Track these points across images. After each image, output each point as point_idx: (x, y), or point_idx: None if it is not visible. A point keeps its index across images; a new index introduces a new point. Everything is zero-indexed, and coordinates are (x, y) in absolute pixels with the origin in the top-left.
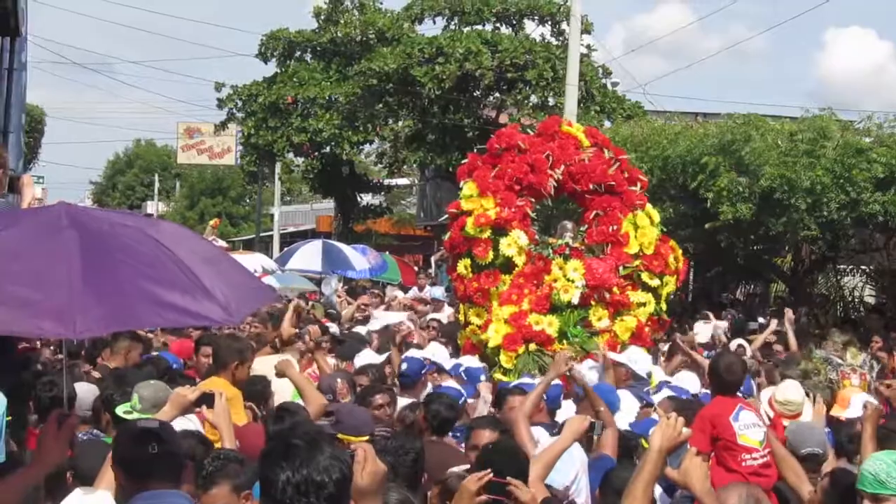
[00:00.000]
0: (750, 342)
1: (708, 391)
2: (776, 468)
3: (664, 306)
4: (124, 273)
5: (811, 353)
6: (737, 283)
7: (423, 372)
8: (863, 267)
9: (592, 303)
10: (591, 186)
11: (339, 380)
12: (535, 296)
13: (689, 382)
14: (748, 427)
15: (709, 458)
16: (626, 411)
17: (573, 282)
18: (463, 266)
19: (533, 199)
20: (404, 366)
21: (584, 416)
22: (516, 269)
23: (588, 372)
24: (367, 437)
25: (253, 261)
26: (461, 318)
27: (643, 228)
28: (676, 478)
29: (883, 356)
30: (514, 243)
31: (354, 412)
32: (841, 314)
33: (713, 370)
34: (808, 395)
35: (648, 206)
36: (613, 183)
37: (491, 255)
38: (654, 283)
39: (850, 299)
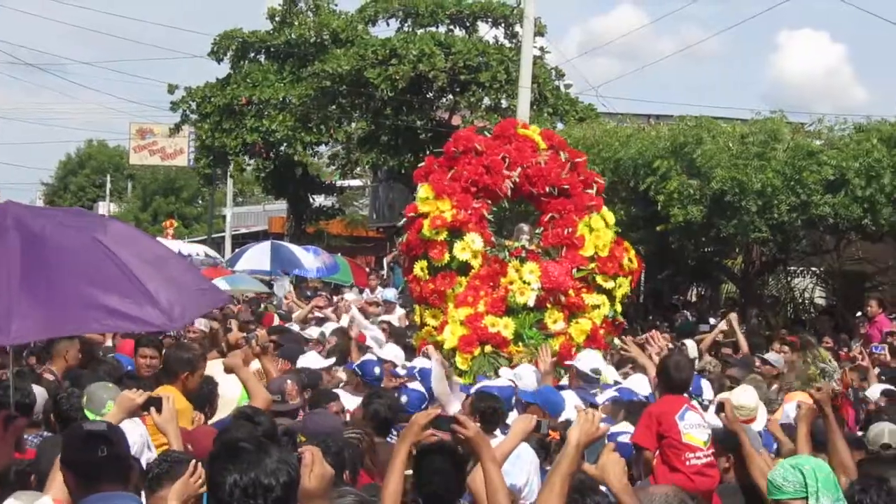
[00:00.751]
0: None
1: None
2: (738, 469)
3: (619, 308)
4: (63, 277)
5: (814, 360)
6: (688, 284)
7: (380, 375)
8: (813, 269)
9: (548, 305)
10: (546, 189)
11: (288, 381)
12: (491, 298)
13: (640, 385)
14: (693, 427)
15: (654, 455)
16: (572, 413)
17: (529, 284)
18: (419, 268)
19: (489, 201)
20: (360, 367)
21: (531, 416)
22: (472, 270)
23: (527, 375)
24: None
25: (191, 249)
26: (417, 319)
27: (598, 231)
28: (593, 473)
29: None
30: (468, 247)
31: (323, 418)
32: (791, 316)
33: (662, 369)
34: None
35: (604, 209)
36: (568, 186)
37: (447, 257)
38: (609, 285)
39: (800, 301)
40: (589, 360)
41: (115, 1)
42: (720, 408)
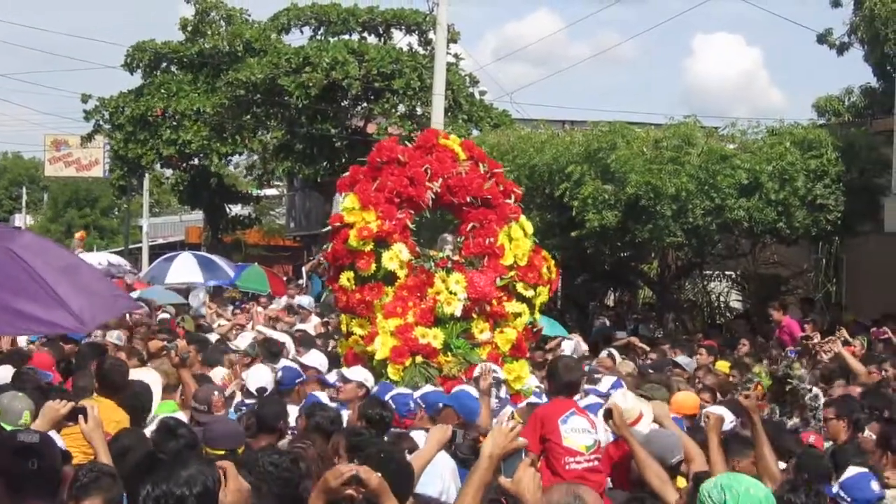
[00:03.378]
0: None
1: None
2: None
3: (538, 316)
4: None
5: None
6: (605, 290)
7: (297, 381)
8: (728, 272)
9: (474, 315)
10: (467, 199)
11: (215, 392)
12: (419, 308)
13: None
14: (576, 431)
15: (538, 459)
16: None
17: (455, 294)
18: (346, 278)
19: (412, 212)
20: (279, 374)
21: (447, 427)
22: (398, 280)
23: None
24: (224, 451)
25: (97, 258)
26: (343, 328)
27: (517, 240)
28: (508, 486)
29: (749, 361)
30: (396, 257)
31: (222, 424)
32: (708, 320)
33: (551, 371)
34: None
35: (522, 218)
36: (489, 196)
37: (374, 267)
38: (529, 293)
39: (716, 304)
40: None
41: (26, 12)
42: (608, 415)
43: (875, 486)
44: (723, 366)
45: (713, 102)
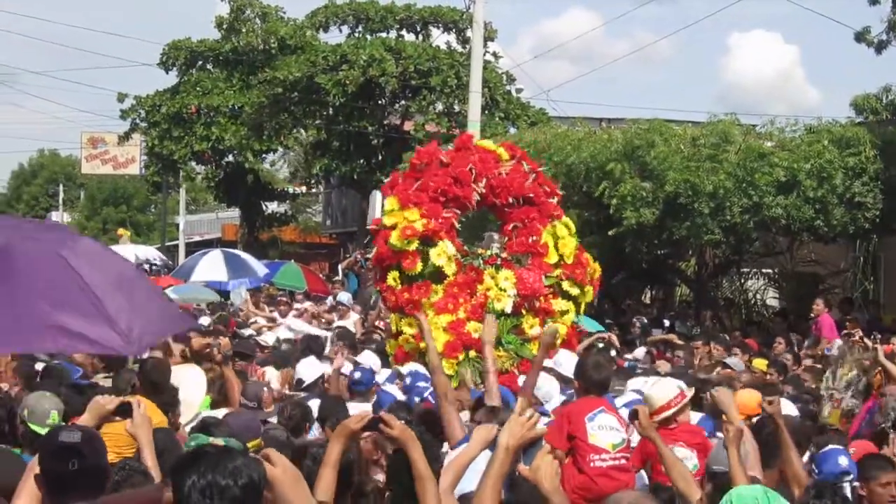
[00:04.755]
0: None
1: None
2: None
3: (581, 316)
4: (21, 292)
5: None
6: (642, 288)
7: (374, 381)
8: (766, 270)
9: (523, 311)
10: (509, 199)
11: (265, 389)
12: (470, 304)
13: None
14: (603, 428)
15: (566, 455)
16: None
17: (505, 291)
18: (392, 278)
19: (458, 211)
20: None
21: (493, 426)
22: (446, 279)
23: (566, 361)
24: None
25: (127, 251)
26: (393, 327)
27: (563, 239)
28: (528, 475)
29: (788, 359)
30: (444, 253)
31: (237, 417)
32: (744, 318)
33: (581, 369)
34: None
35: (565, 217)
36: (532, 195)
37: (420, 266)
38: (575, 291)
39: (753, 303)
40: (569, 364)
41: (64, 11)
42: (633, 415)
43: (843, 460)
44: (760, 364)
45: (750, 100)
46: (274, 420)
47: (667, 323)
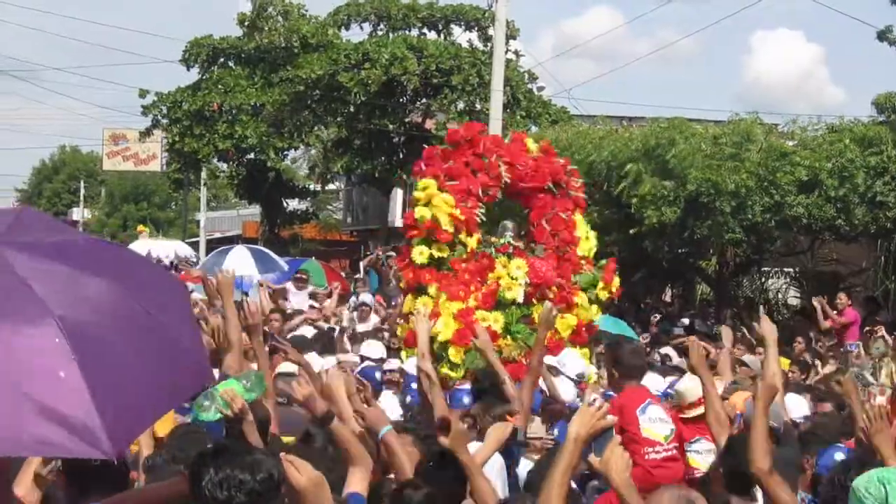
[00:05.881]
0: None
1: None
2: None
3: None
4: None
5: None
6: (662, 286)
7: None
8: (787, 269)
9: (534, 301)
10: (543, 185)
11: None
12: (481, 293)
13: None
14: (654, 421)
15: None
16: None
17: (517, 280)
18: (418, 252)
19: (482, 203)
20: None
21: (507, 423)
22: (462, 266)
23: (571, 361)
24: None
25: (167, 247)
26: (406, 308)
27: (589, 237)
28: (597, 467)
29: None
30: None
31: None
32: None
33: (616, 357)
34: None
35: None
36: (562, 182)
37: (446, 250)
38: (603, 294)
39: (773, 302)
40: (573, 364)
41: (86, 8)
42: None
43: (839, 455)
44: (782, 363)
45: (772, 99)
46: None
47: (686, 321)
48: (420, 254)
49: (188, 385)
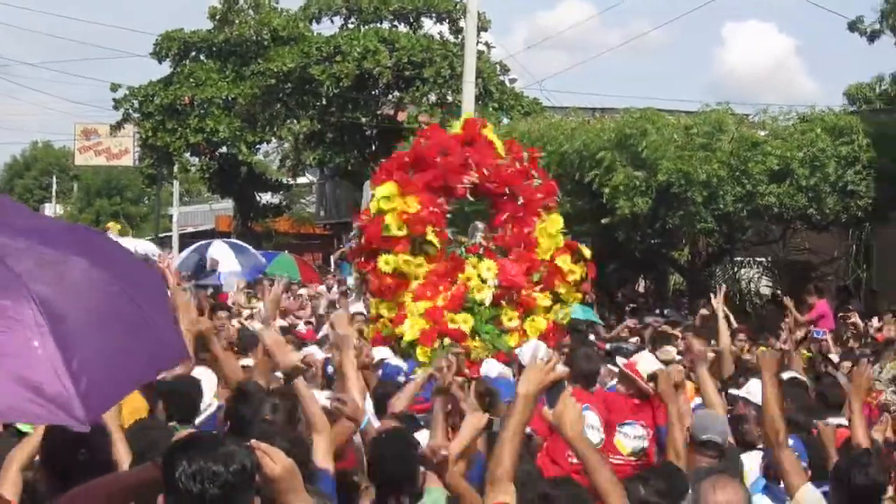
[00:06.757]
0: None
1: None
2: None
3: (568, 309)
4: None
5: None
6: (635, 277)
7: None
8: (759, 259)
9: (503, 303)
10: (504, 190)
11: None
12: (450, 292)
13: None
14: (586, 427)
15: (542, 443)
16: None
17: (486, 282)
18: (384, 261)
19: (447, 200)
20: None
21: (484, 415)
22: (430, 266)
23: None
24: None
25: (131, 244)
26: (372, 311)
27: (554, 236)
28: (550, 420)
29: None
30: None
31: None
32: (738, 306)
33: (570, 362)
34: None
35: (554, 214)
36: (525, 188)
37: (411, 263)
38: (562, 289)
39: (746, 291)
40: (529, 351)
41: (58, 2)
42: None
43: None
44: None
45: (744, 90)
46: None
47: (667, 311)
48: (385, 263)
49: (161, 363)
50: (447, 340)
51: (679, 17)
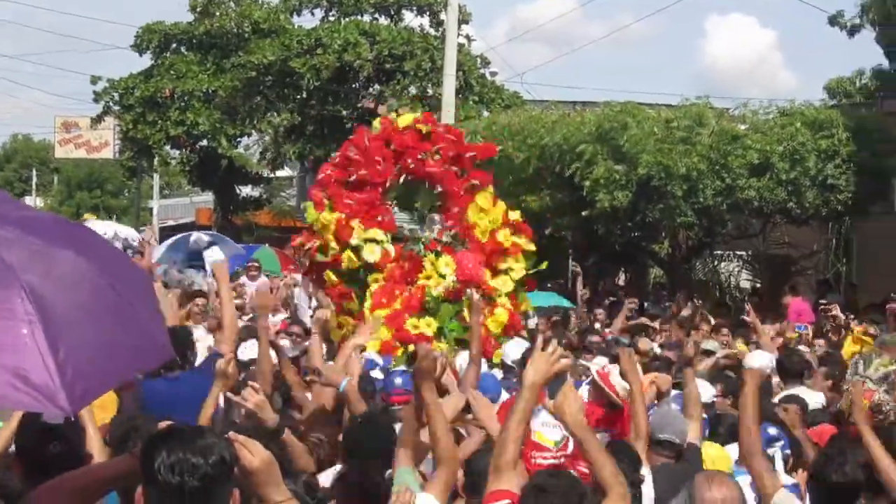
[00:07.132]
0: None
1: None
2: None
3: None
4: None
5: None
6: (616, 270)
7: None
8: (739, 252)
9: (464, 297)
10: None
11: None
12: (407, 293)
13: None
14: (546, 426)
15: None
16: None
17: (444, 277)
18: (330, 275)
19: (378, 189)
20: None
21: (462, 394)
22: (388, 266)
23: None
24: None
25: (106, 227)
26: (333, 321)
27: (488, 212)
28: (552, 410)
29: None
30: (372, 246)
31: None
32: (718, 299)
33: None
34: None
35: (484, 192)
36: (447, 177)
37: (355, 260)
38: (503, 265)
39: (726, 285)
40: (513, 351)
41: None
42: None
43: (772, 430)
44: (740, 346)
45: (725, 84)
46: None
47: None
48: (329, 277)
49: (146, 357)
50: (412, 347)
51: (662, 10)
